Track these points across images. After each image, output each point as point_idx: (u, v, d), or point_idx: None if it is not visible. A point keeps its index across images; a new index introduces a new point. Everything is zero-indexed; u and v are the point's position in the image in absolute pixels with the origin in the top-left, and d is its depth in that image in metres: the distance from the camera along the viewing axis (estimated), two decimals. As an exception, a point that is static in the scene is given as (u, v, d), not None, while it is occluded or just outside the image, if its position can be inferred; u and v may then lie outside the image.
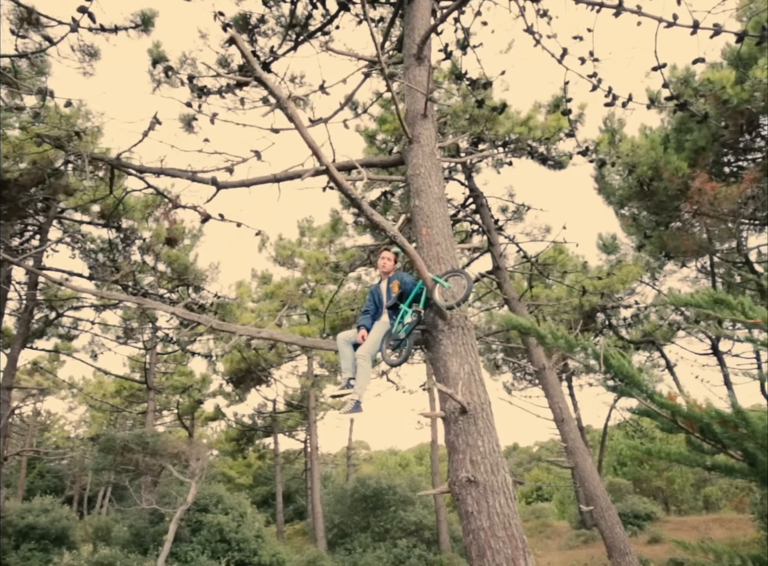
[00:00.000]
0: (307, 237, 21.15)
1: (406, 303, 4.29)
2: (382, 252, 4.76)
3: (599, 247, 16.90)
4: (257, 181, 6.20)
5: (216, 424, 28.84)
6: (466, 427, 3.74)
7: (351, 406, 4.15)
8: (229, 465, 30.77)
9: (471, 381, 3.93)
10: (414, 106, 5.48)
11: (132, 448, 11.83)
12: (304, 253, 19.46)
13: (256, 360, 20.79)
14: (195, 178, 6.39)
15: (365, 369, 4.20)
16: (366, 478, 19.04)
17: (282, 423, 27.39)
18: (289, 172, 6.24)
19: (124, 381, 20.77)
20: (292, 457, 31.16)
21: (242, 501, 14.08)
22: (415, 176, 5.04)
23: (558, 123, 10.41)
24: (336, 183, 3.57)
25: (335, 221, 10.54)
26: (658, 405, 2.03)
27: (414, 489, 19.00)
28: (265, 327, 5.01)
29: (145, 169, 6.38)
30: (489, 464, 3.63)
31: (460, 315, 4.21)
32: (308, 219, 21.15)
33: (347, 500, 19.22)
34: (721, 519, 19.13)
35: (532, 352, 9.41)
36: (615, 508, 7.90)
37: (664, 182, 10.90)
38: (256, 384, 24.25)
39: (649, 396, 2.03)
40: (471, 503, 3.53)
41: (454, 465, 3.72)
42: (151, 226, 12.73)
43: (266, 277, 21.27)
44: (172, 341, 13.99)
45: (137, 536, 13.18)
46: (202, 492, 12.88)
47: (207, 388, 22.10)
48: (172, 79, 7.81)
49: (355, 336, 4.48)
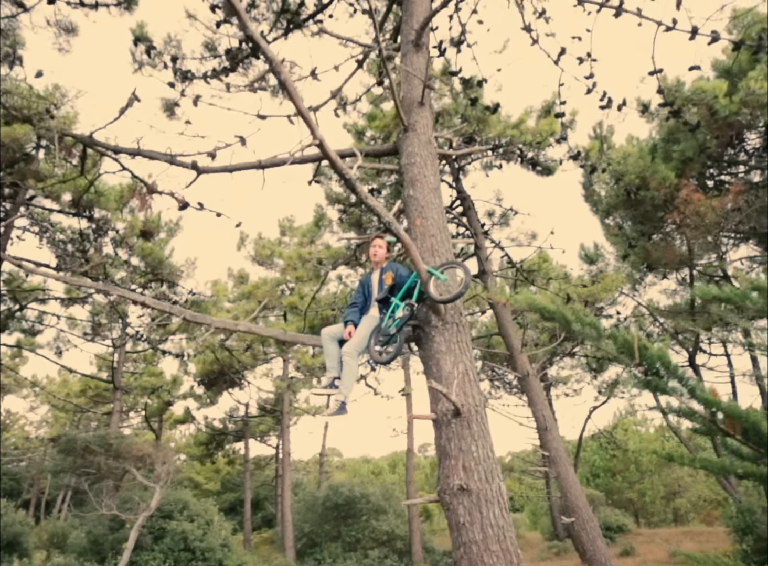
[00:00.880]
0: (287, 236, 20.74)
1: (398, 296, 4.00)
2: (373, 239, 4.47)
3: (581, 256, 16.90)
4: (241, 167, 5.87)
5: (185, 428, 28.06)
6: (460, 431, 3.46)
7: (336, 408, 3.83)
8: (197, 470, 29.92)
9: (465, 381, 3.65)
10: (411, 93, 5.22)
11: (94, 450, 11.21)
12: (284, 253, 19.06)
13: (230, 361, 20.23)
14: (174, 161, 6.02)
15: (352, 368, 3.89)
16: (339, 486, 18.60)
17: (254, 428, 26.76)
18: (275, 158, 5.93)
19: (89, 380, 19.98)
20: (262, 463, 30.44)
21: (209, 507, 13.51)
22: (410, 165, 4.77)
23: (550, 127, 10.29)
24: (329, 159, 3.28)
25: (319, 217, 10.22)
26: (700, 402, 1.78)
27: (387, 498, 18.61)
28: (243, 321, 4.67)
29: (121, 149, 5.98)
30: (483, 471, 3.35)
31: (454, 311, 3.93)
32: (289, 218, 20.76)
33: (318, 508, 18.74)
34: (691, 531, 19.20)
35: (516, 358, 9.19)
36: (596, 520, 7.70)
37: (651, 191, 10.87)
38: (228, 387, 23.63)
39: (691, 391, 1.78)
40: (463, 513, 3.23)
41: (444, 471, 3.43)
42: (126, 218, 12.21)
43: (243, 276, 20.77)
44: (142, 339, 13.42)
45: (95, 543, 12.50)
46: (166, 497, 12.31)
47: (177, 390, 21.41)
48: (155, 60, 7.42)
49: (342, 332, 4.16)
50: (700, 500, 23.95)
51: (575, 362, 21.25)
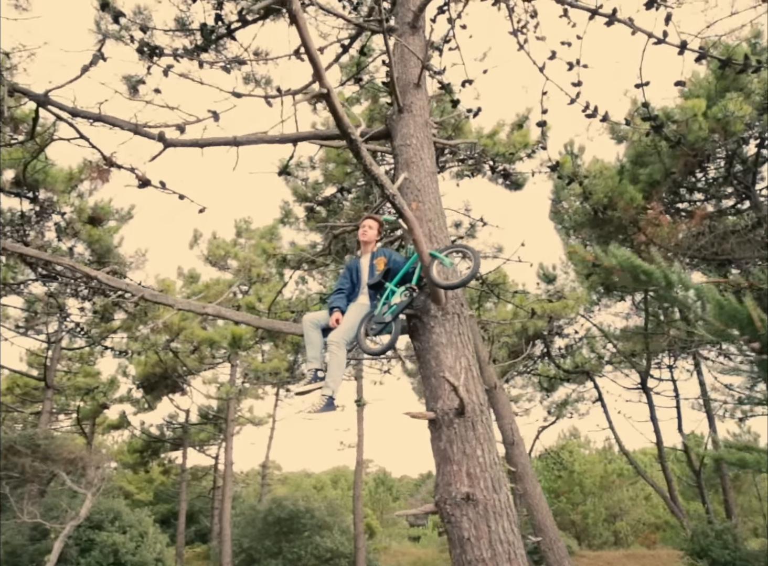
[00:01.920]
0: (243, 238, 19.97)
1: (394, 281, 3.61)
2: (364, 219, 4.07)
3: (539, 276, 17.03)
4: (213, 142, 5.37)
5: (119, 433, 26.39)
6: (463, 432, 3.08)
7: (322, 404, 3.38)
8: (129, 479, 28.14)
9: (468, 377, 3.28)
10: (406, 74, 4.90)
11: (19, 451, 10.11)
12: (240, 254, 18.31)
13: (173, 364, 19.15)
14: (139, 130, 5.45)
15: (340, 358, 3.45)
16: (282, 499, 17.77)
17: (193, 436, 25.45)
18: (251, 136, 5.47)
19: (18, 377, 18.41)
20: (199, 474, 28.97)
21: (144, 518, 12.48)
22: (405, 146, 4.43)
23: (524, 139, 10.23)
24: (335, 114, 2.87)
25: (286, 214, 9.72)
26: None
27: (332, 514, 17.92)
28: (211, 304, 4.14)
29: (80, 112, 5.35)
30: (490, 478, 2.98)
31: (456, 300, 3.58)
32: (246, 219, 20.03)
33: (258, 522, 17.82)
34: (633, 554, 19.45)
35: (483, 370, 8.93)
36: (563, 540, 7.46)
37: (618, 211, 10.99)
38: (170, 392, 22.40)
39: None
40: (468, 527, 2.84)
41: (445, 478, 3.03)
42: (74, 201, 11.30)
43: (194, 276, 19.81)
44: (82, 333, 12.38)
45: (12, 555, 11.25)
46: (97, 506, 11.25)
47: (114, 392, 20.07)
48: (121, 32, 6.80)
49: (327, 319, 3.73)
50: (639, 523, 24.42)
51: (526, 381, 21.34)
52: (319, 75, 2.73)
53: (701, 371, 16.22)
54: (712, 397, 16.14)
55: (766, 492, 20.68)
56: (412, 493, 52.61)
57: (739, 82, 9.93)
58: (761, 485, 21.13)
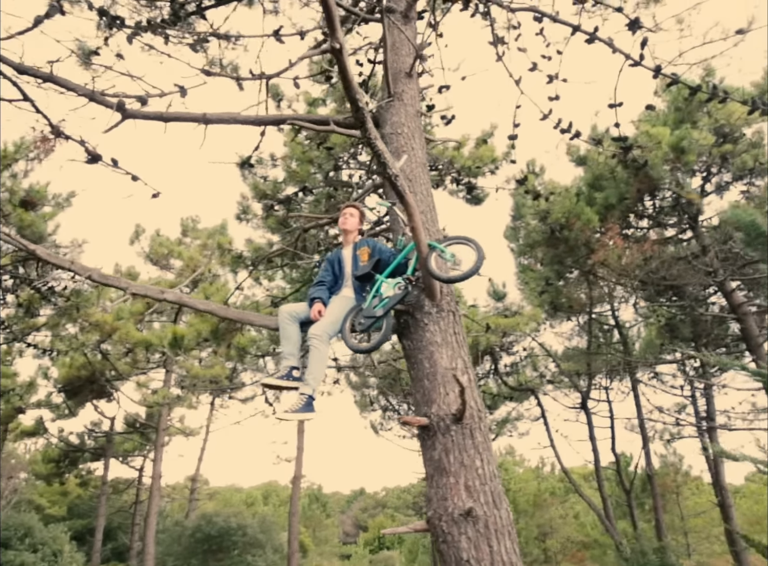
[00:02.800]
0: (189, 237, 19.04)
1: (385, 273, 3.30)
2: (345, 208, 3.75)
3: (489, 292, 17.17)
4: (180, 117, 4.92)
5: (33, 441, 24.27)
6: (461, 441, 2.78)
7: (301, 404, 2.99)
8: (40, 491, 25.87)
9: (465, 380, 3.00)
10: (397, 63, 4.67)
11: None
12: (184, 254, 17.41)
13: (102, 367, 17.84)
14: (95, 97, 4.91)
15: (322, 354, 3.09)
16: (212, 515, 16.80)
17: (117, 446, 23.77)
18: (224, 114, 5.04)
19: None
20: (121, 487, 27.06)
21: (59, 535, 11.34)
22: (395, 135, 4.15)
23: (491, 154, 10.24)
24: (344, 74, 2.55)
25: (243, 209, 9.21)
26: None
27: (265, 531, 17.11)
28: (172, 289, 3.66)
29: (27, 69, 4.75)
30: (490, 492, 2.69)
31: (450, 297, 3.31)
32: (194, 218, 19.13)
33: (185, 540, 16.75)
34: (565, 573, 19.66)
35: (440, 383, 8.72)
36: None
37: (574, 232, 11.19)
38: (94, 397, 20.85)
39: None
40: (467, 547, 2.53)
41: (440, 492, 2.71)
42: (5, 182, 10.29)
43: (133, 274, 18.64)
44: (2, 327, 11.21)
45: None
46: (6, 521, 10.10)
47: (32, 395, 18.41)
48: None
49: (305, 312, 3.35)
50: (569, 541, 24.85)
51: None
52: (332, 27, 2.41)
53: (638, 393, 16.75)
54: (647, 418, 16.69)
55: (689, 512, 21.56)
56: (344, 510, 51.73)
57: (693, 115, 10.41)
58: (683, 504, 22.03)
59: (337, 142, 9.39)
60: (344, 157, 10.29)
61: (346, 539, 41.60)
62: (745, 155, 10.71)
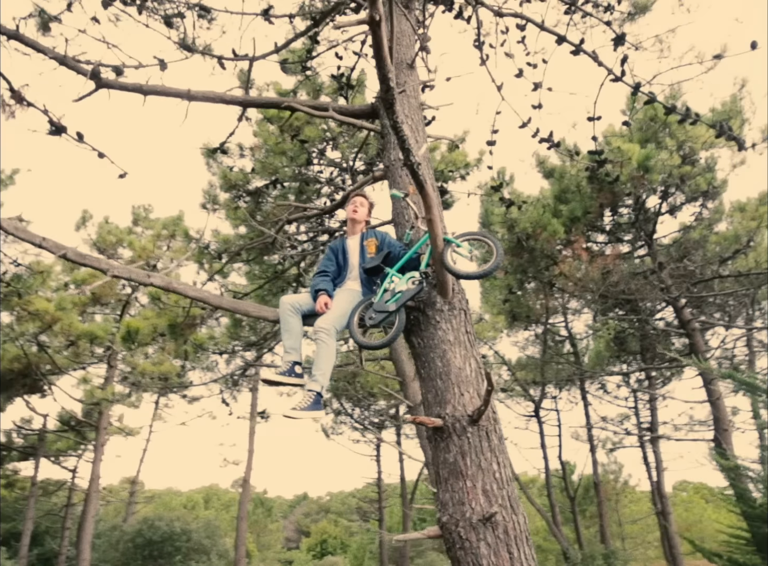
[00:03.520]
0: (141, 227, 18.19)
1: (396, 266, 3.15)
2: (354, 196, 3.58)
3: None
4: (162, 91, 4.62)
5: (-47, 438, 22.48)
6: (477, 443, 2.66)
7: (309, 402, 2.79)
8: (-41, 493, 23.99)
9: (479, 381, 2.89)
10: (399, 53, 4.54)
11: None
12: (135, 243, 16.61)
13: (38, 360, 16.73)
14: (66, 61, 4.54)
15: (330, 349, 2.90)
16: (155, 519, 16.01)
17: (49, 446, 22.37)
18: (209, 92, 4.77)
19: None
20: (51, 488, 25.47)
21: (-15, 540, 10.44)
22: (399, 126, 4.01)
23: (464, 159, 10.28)
24: (379, 49, 2.40)
25: (210, 199, 8.82)
26: None
27: (210, 536, 16.46)
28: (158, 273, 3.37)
29: (-9, 25, 4.32)
30: (508, 497, 2.58)
31: (462, 295, 3.20)
32: (146, 207, 18.29)
33: (123, 545, 15.89)
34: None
35: (408, 386, 8.61)
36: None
37: (539, 242, 11.38)
38: (26, 392, 19.55)
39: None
40: (487, 554, 2.41)
41: (456, 496, 2.58)
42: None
43: (77, 263, 17.59)
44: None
45: None
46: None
47: (-43, 388, 17.05)
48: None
49: (309, 303, 3.16)
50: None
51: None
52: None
53: (587, 403, 17.25)
54: (596, 426, 17.20)
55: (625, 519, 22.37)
56: (286, 515, 50.77)
57: (657, 136, 10.82)
58: (622, 512, 22.84)
59: (311, 135, 9.17)
60: (314, 152, 10.07)
61: (287, 544, 40.81)
62: (699, 178, 11.22)
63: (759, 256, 10.74)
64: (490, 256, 2.97)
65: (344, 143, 9.62)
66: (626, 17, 6.65)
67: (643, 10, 7.36)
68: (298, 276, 10.01)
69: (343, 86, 7.22)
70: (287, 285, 10.01)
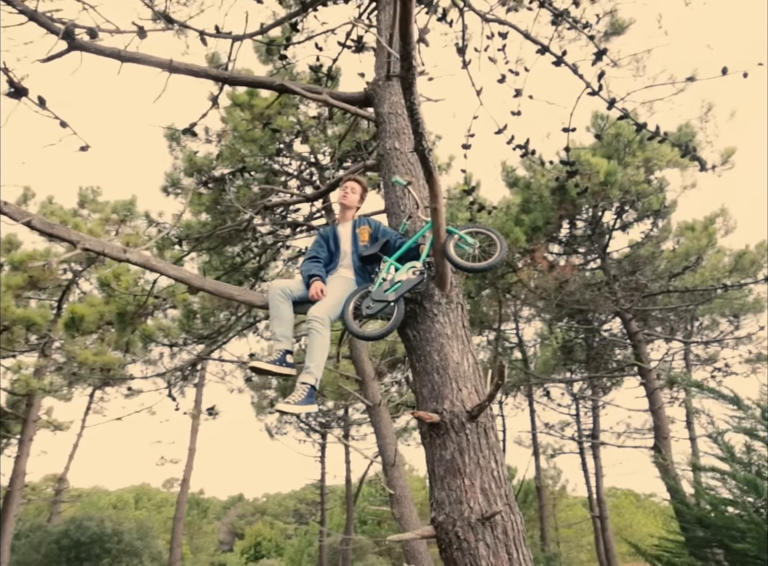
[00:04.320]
0: (87, 209, 17.24)
1: (395, 256, 3.04)
2: (346, 181, 3.45)
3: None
4: (142, 59, 4.34)
5: None
6: (476, 440, 2.58)
7: (303, 395, 2.63)
8: None
9: (476, 377, 2.82)
10: (396, 44, 4.43)
11: None
12: (82, 227, 15.71)
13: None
14: (37, 17, 4.19)
15: (324, 340, 2.75)
16: (83, 519, 15.12)
17: (-32, 438, 20.79)
18: (193, 65, 4.52)
19: None
20: (-33, 485, 23.68)
21: None
22: (394, 115, 3.92)
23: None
24: (405, 23, 2.29)
25: (172, 182, 8.41)
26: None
27: (143, 537, 15.72)
28: (135, 249, 3.11)
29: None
30: (506, 496, 2.51)
31: (459, 289, 3.12)
32: (95, 189, 17.36)
33: (46, 547, 14.90)
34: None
35: (367, 385, 8.49)
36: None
37: (501, 249, 11.53)
38: (-53, 380, 18.11)
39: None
40: (486, 554, 2.32)
41: (453, 495, 2.48)
42: None
43: (13, 242, 16.48)
44: None
45: None
46: None
47: None
48: None
49: (301, 289, 3.00)
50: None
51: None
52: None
53: (533, 409, 17.66)
54: (539, 432, 17.63)
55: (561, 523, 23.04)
56: (219, 516, 49.37)
57: (619, 153, 11.21)
58: (558, 516, 23.51)
59: (283, 125, 8.92)
60: (282, 145, 9.82)
61: (221, 547, 39.68)
62: (652, 197, 11.71)
63: (704, 274, 11.30)
64: (493, 249, 2.91)
65: (314, 137, 9.42)
66: (602, 36, 6.83)
67: (619, 32, 7.59)
68: (258, 269, 9.72)
69: (320, 77, 7.05)
70: (245, 279, 9.69)
